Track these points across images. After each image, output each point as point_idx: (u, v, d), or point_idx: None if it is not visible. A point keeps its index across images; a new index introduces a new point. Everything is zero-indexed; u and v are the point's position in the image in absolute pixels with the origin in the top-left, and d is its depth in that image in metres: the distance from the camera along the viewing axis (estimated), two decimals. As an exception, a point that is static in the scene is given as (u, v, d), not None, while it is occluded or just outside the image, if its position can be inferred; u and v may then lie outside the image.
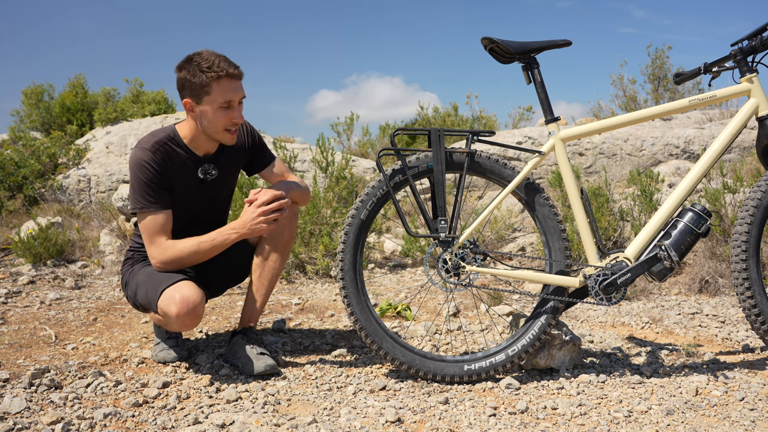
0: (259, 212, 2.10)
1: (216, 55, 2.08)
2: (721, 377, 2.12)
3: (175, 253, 2.12)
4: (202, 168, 2.23)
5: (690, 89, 9.46)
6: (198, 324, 2.12)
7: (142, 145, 2.14)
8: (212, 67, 2.04)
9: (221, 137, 2.15)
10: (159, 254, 2.13)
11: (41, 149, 6.11)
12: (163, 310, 2.05)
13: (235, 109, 2.11)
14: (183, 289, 2.04)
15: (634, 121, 2.17)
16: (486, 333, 2.73)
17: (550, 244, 2.15)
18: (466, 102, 10.28)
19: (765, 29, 2.12)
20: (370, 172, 6.32)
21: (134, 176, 2.13)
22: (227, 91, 2.07)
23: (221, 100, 2.07)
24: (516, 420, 1.81)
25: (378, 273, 4.16)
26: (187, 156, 2.19)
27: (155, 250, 2.14)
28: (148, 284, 2.14)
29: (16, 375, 2.10)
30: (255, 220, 2.10)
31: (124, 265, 2.35)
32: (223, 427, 1.74)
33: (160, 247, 2.13)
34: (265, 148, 2.40)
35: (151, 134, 2.19)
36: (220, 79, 2.04)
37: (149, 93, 7.66)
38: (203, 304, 2.07)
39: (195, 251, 2.14)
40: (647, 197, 3.85)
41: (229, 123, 2.11)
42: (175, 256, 2.13)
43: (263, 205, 2.11)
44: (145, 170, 2.11)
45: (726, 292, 3.37)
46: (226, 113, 2.10)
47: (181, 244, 2.13)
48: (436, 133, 2.11)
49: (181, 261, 2.14)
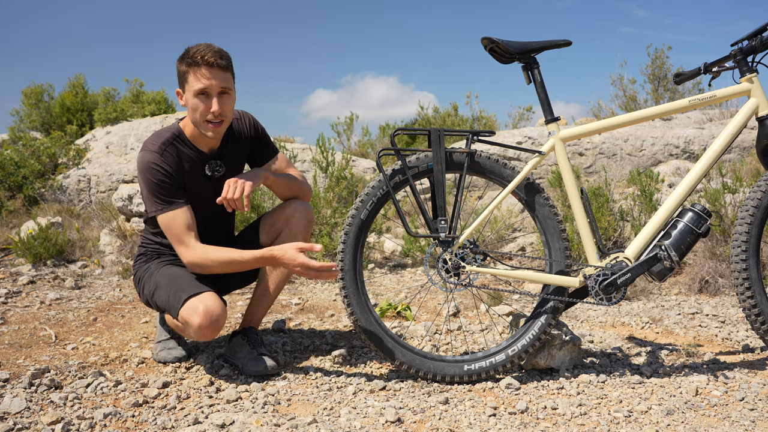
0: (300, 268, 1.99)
1: (205, 45, 2.05)
2: (721, 377, 2.12)
3: (206, 261, 2.08)
4: (209, 165, 2.21)
5: (690, 89, 9.46)
6: (216, 336, 2.10)
7: (148, 147, 2.11)
8: (192, 55, 2.02)
9: (203, 129, 2.10)
10: (189, 257, 2.09)
11: (41, 149, 6.11)
12: (184, 319, 2.03)
13: (214, 100, 2.05)
14: (207, 300, 2.02)
15: (634, 121, 2.17)
16: (486, 333, 2.73)
17: (550, 244, 2.15)
18: (466, 102, 10.29)
19: (765, 29, 2.12)
20: (370, 172, 6.32)
21: (145, 180, 2.09)
22: (202, 78, 2.03)
23: (196, 87, 2.03)
24: (516, 420, 1.81)
25: (378, 273, 4.16)
26: (194, 153, 2.17)
27: (184, 251, 2.09)
28: (170, 288, 2.11)
29: (16, 375, 2.10)
30: (294, 263, 2.00)
31: (137, 261, 2.32)
32: (223, 427, 1.74)
33: (190, 249, 2.09)
34: (269, 140, 2.36)
35: (155, 135, 2.16)
36: (197, 66, 2.02)
37: (149, 93, 7.66)
38: (225, 316, 2.05)
39: (226, 264, 2.08)
40: (647, 197, 3.85)
41: (206, 112, 2.06)
42: (205, 263, 2.09)
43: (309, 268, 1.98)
44: (155, 172, 2.07)
45: (726, 292, 3.37)
46: (205, 102, 2.05)
47: (214, 253, 2.08)
48: (436, 133, 2.11)
49: (211, 269, 2.11)
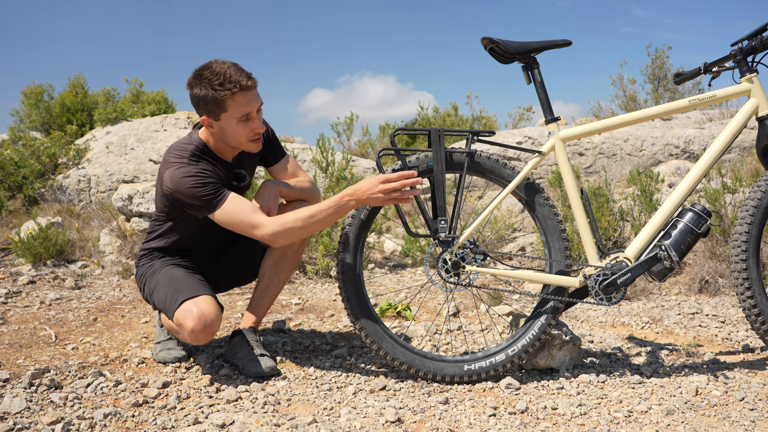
0: (382, 186, 1.91)
1: (227, 66, 1.97)
2: (721, 377, 2.12)
3: (286, 227, 1.98)
4: (234, 174, 2.19)
5: (690, 89, 9.45)
6: (210, 340, 2.09)
7: (175, 162, 2.03)
8: (224, 84, 1.95)
9: (247, 147, 2.09)
10: (268, 232, 1.98)
11: (41, 149, 6.11)
12: (179, 322, 2.02)
13: (255, 119, 2.04)
14: (202, 305, 2.01)
15: (634, 121, 2.17)
16: (486, 333, 2.73)
17: (550, 244, 2.15)
18: (466, 102, 10.27)
19: (765, 29, 2.12)
20: (370, 172, 6.32)
21: (188, 190, 1.99)
22: (244, 105, 1.99)
23: (239, 114, 1.99)
24: (516, 420, 1.81)
25: (378, 273, 4.16)
26: (220, 164, 2.14)
27: (259, 231, 1.99)
28: (168, 289, 2.10)
29: (16, 375, 2.10)
30: (374, 189, 1.92)
31: (141, 260, 2.29)
32: (223, 427, 1.74)
33: (265, 227, 1.98)
34: (278, 141, 2.34)
35: (178, 150, 2.07)
36: (235, 94, 1.96)
37: (149, 93, 7.66)
38: (219, 321, 2.04)
39: (308, 223, 1.99)
40: (647, 197, 3.85)
41: (252, 134, 2.06)
42: (286, 230, 1.99)
43: (388, 182, 1.92)
44: (196, 177, 2.00)
45: (726, 292, 3.37)
46: (247, 125, 2.03)
47: (287, 218, 1.99)
48: (436, 133, 2.11)
49: (294, 233, 2.01)
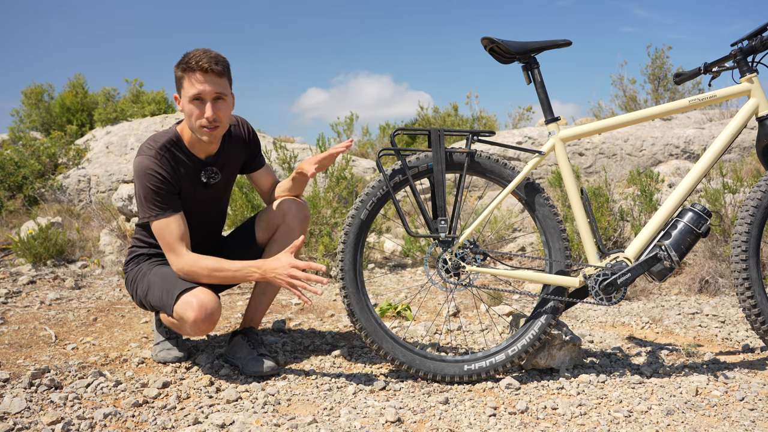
0: (289, 272, 1.99)
1: (202, 50, 2.05)
2: (721, 377, 2.12)
3: (194, 269, 2.08)
4: (204, 172, 2.21)
5: (690, 89, 9.46)
6: (212, 330, 2.09)
7: (145, 152, 2.10)
8: (187, 62, 2.02)
9: (199, 133, 2.10)
10: (178, 264, 2.09)
11: (41, 149, 6.11)
12: (179, 315, 2.03)
13: (207, 105, 2.05)
14: (200, 295, 2.02)
15: (634, 121, 2.17)
16: (486, 333, 2.73)
17: (550, 244, 2.15)
18: (466, 102, 10.29)
19: (765, 29, 2.12)
20: (370, 172, 6.32)
21: (141, 185, 2.09)
22: (197, 84, 2.03)
23: (191, 92, 2.03)
24: (516, 420, 1.81)
25: (378, 273, 4.16)
26: (190, 159, 2.17)
27: (174, 258, 2.10)
28: (163, 286, 2.12)
29: (16, 375, 2.10)
30: (282, 273, 1.99)
31: (129, 264, 2.33)
32: (223, 427, 1.74)
33: (181, 257, 2.09)
34: (260, 150, 2.38)
35: (152, 139, 2.14)
36: (192, 71, 2.02)
37: (149, 93, 7.66)
38: (219, 310, 2.06)
39: (213, 274, 2.08)
40: (647, 197, 3.85)
41: (201, 118, 2.06)
42: (193, 272, 2.08)
43: (295, 275, 1.98)
44: (151, 178, 2.07)
45: (726, 292, 3.37)
46: (199, 108, 2.05)
47: (202, 262, 2.08)
48: (436, 133, 2.11)
49: (198, 278, 2.11)
